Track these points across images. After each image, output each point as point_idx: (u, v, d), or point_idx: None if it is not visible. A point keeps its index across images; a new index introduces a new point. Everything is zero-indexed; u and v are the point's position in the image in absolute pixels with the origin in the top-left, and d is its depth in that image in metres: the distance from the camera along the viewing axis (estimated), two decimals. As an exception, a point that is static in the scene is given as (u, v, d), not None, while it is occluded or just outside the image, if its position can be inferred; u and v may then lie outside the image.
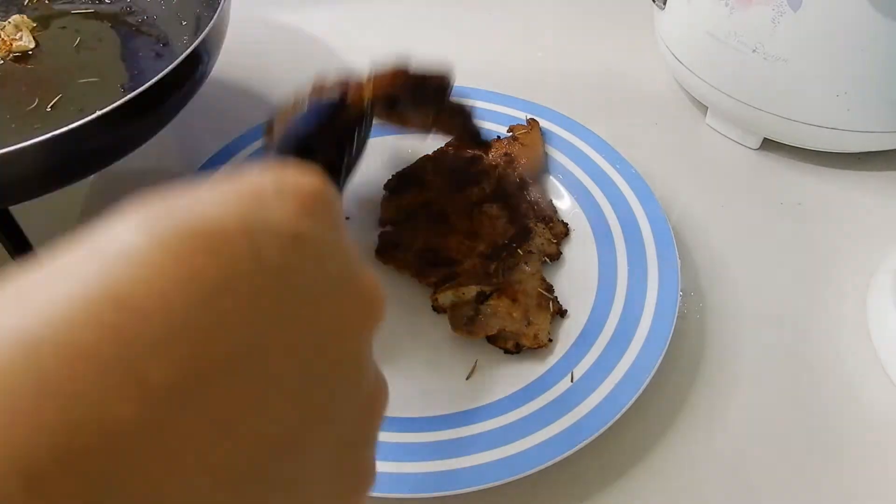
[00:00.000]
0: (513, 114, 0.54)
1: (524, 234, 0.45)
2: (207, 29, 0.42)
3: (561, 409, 0.37)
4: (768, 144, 0.55)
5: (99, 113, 0.35)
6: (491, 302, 0.41)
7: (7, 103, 0.47)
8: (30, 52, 0.51)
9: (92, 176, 0.52)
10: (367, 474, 0.20)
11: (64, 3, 0.56)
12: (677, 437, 0.39)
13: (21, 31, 0.52)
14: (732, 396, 0.41)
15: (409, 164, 0.50)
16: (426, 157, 0.50)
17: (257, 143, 0.51)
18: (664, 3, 0.55)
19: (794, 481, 0.37)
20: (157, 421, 0.12)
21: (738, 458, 0.38)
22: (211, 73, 0.45)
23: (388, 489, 0.34)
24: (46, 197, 0.39)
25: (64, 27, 0.54)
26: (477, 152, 0.50)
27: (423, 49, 0.65)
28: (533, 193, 0.49)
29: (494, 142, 0.51)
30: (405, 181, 0.49)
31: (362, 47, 0.65)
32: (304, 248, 0.16)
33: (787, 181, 0.53)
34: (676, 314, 0.41)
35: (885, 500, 0.37)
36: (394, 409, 0.38)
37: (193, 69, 0.42)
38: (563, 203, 0.49)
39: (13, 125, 0.45)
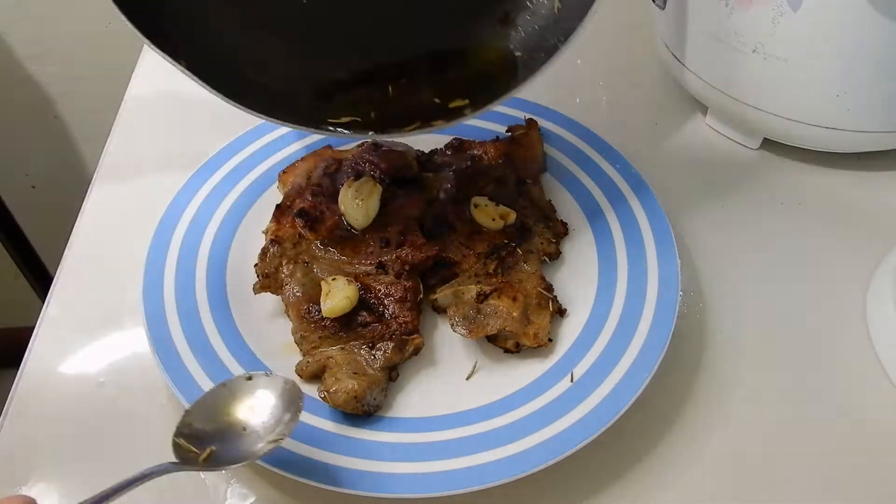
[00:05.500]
0: (512, 113, 0.53)
1: (524, 234, 0.45)
2: None
3: (561, 409, 0.37)
4: (768, 144, 0.55)
5: None
6: (491, 301, 0.41)
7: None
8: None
9: (94, 176, 0.52)
10: None
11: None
12: (677, 437, 0.39)
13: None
14: (732, 396, 0.41)
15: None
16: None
17: (258, 143, 0.51)
18: (664, 3, 0.55)
19: (793, 481, 0.37)
20: None
21: (738, 458, 0.38)
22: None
23: (389, 489, 0.34)
24: (45, 194, 0.38)
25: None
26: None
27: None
28: (532, 193, 0.49)
29: (493, 142, 0.51)
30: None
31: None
32: None
33: (787, 181, 0.53)
34: (676, 314, 0.41)
35: (884, 500, 0.37)
36: (394, 409, 0.38)
37: None
38: (563, 203, 0.49)
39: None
